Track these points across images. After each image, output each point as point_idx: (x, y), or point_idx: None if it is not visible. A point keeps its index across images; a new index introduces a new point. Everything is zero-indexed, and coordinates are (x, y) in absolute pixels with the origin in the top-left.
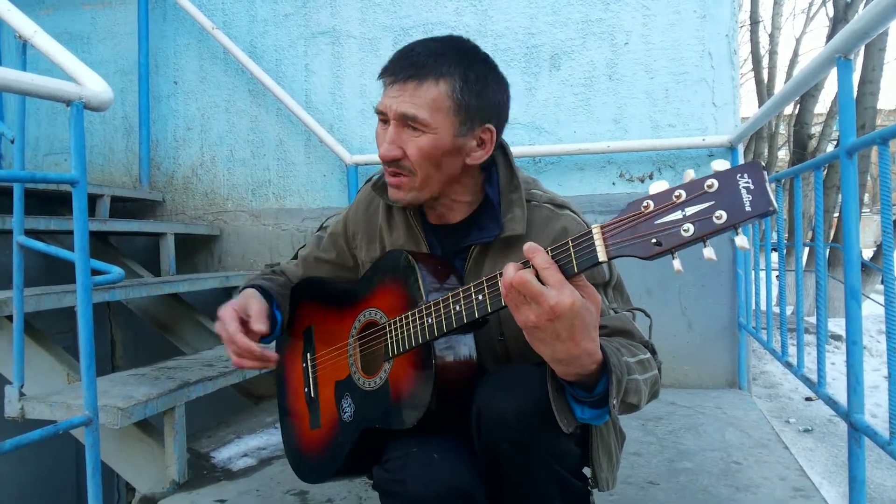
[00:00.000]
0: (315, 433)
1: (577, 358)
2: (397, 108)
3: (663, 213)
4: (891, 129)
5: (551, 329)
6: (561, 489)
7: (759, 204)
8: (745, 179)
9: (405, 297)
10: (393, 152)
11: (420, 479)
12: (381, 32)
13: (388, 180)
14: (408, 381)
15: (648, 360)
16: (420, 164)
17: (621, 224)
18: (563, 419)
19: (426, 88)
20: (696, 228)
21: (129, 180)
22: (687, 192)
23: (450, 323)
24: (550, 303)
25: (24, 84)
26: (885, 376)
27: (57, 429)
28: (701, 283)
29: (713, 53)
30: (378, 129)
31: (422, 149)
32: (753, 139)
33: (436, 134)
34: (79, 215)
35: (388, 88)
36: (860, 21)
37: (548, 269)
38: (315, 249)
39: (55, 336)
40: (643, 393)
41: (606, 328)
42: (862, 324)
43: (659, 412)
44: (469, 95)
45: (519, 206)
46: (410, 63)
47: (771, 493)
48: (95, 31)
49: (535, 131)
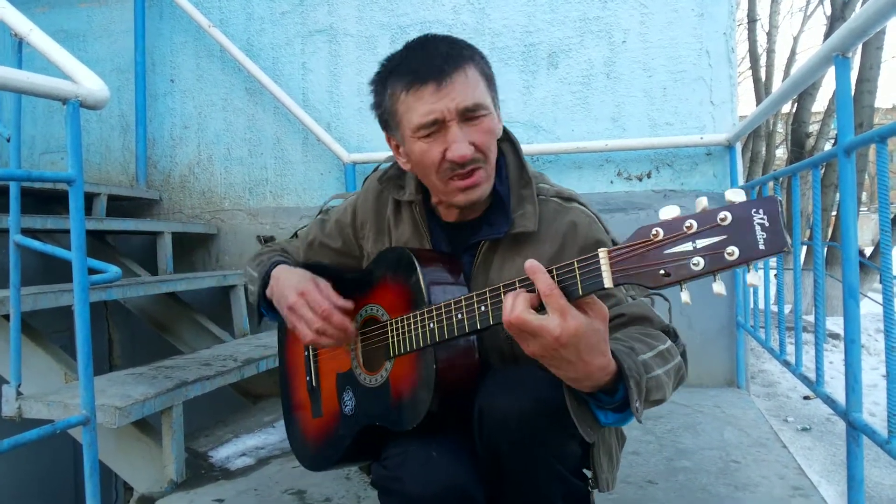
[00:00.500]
0: (317, 422)
1: (589, 376)
2: (459, 103)
3: (673, 243)
4: (889, 128)
5: (558, 356)
6: (562, 490)
7: (773, 243)
8: (761, 215)
9: (407, 296)
10: (470, 149)
11: (418, 477)
12: (378, 30)
13: (464, 183)
14: (408, 383)
15: (668, 349)
16: (489, 148)
17: (630, 251)
18: (587, 427)
19: (469, 74)
20: (706, 263)
21: (126, 179)
22: (699, 224)
23: (451, 331)
24: (554, 334)
25: (21, 82)
26: (883, 375)
27: (54, 428)
28: (700, 283)
29: (711, 52)
30: (420, 146)
31: (488, 130)
32: (751, 137)
33: (490, 112)
34: (75, 214)
35: (433, 94)
36: (858, 19)
37: (550, 295)
38: (320, 234)
39: (52, 335)
40: (666, 386)
41: (625, 316)
42: (860, 322)
43: (658, 411)
44: (488, 68)
45: (531, 202)
46: (444, 59)
47: (769, 491)
48: (91, 29)
49: (532, 130)
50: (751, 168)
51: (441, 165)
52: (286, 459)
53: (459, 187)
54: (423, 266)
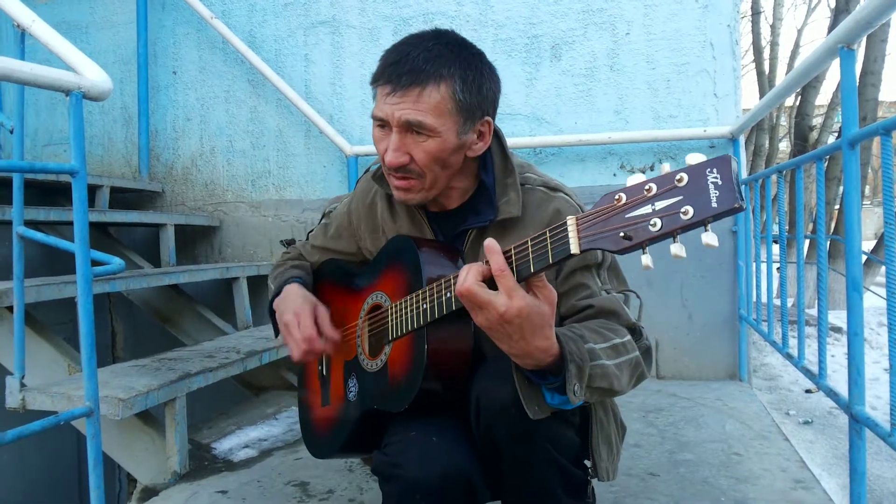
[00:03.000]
0: (325, 410)
1: (529, 354)
2: (401, 115)
3: (634, 206)
4: (893, 120)
5: (503, 331)
6: (560, 477)
7: (724, 200)
8: (714, 175)
9: (407, 282)
10: (400, 159)
11: (418, 463)
12: (381, 22)
13: (396, 184)
14: (403, 364)
15: (625, 343)
16: (429, 167)
17: (595, 217)
18: (534, 406)
19: (428, 94)
20: (662, 224)
21: (129, 171)
22: (658, 186)
23: (441, 309)
24: (500, 310)
25: (23, 73)
26: (885, 369)
27: (58, 420)
28: (702, 275)
29: (715, 44)
30: (375, 133)
31: (430, 153)
32: (754, 130)
33: (441, 137)
34: (78, 206)
35: (387, 96)
36: (863, 10)
37: (500, 275)
38: (325, 239)
39: (56, 327)
40: (615, 377)
41: (593, 308)
42: (863, 316)
43: (659, 404)
44: (468, 94)
45: (514, 189)
46: (410, 69)
47: (771, 484)
48: (94, 20)
49: (535, 122)
50: (754, 161)
51: (383, 159)
52: (289, 451)
53: (393, 185)
54: (422, 252)
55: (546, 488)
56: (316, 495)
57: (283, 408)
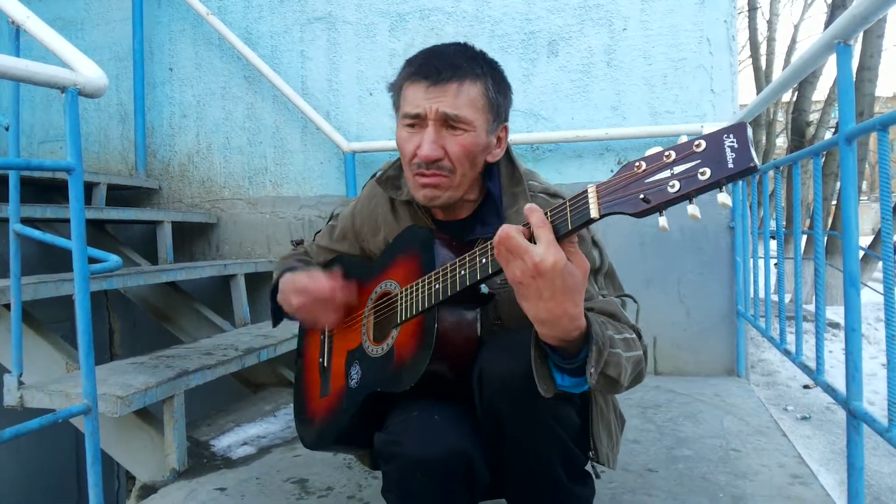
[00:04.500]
0: (323, 401)
1: (558, 319)
2: (440, 108)
3: (653, 172)
4: (890, 116)
5: (534, 286)
6: (561, 455)
7: (741, 161)
8: (731, 139)
9: (420, 268)
10: (436, 152)
11: (419, 441)
12: (377, 18)
13: (424, 181)
14: (410, 345)
15: (633, 340)
16: (461, 163)
17: (615, 184)
18: (543, 385)
19: (467, 88)
20: (681, 185)
21: (126, 168)
22: (677, 153)
23: (454, 286)
24: (535, 259)
25: (18, 70)
26: (882, 364)
27: (56, 417)
28: (699, 272)
29: (711, 39)
30: (402, 134)
31: (465, 146)
32: (751, 126)
33: (476, 132)
34: (75, 203)
35: (425, 90)
36: (860, 6)
37: (541, 227)
38: (330, 241)
39: (53, 325)
40: (624, 370)
41: (592, 310)
42: (861, 311)
43: (658, 400)
44: (498, 94)
45: (523, 198)
46: (449, 65)
47: (769, 479)
48: (89, 16)
49: (532, 118)
50: None
51: (412, 159)
52: (287, 448)
53: (421, 183)
54: (437, 239)
55: (547, 466)
56: (315, 492)
57: (282, 405)
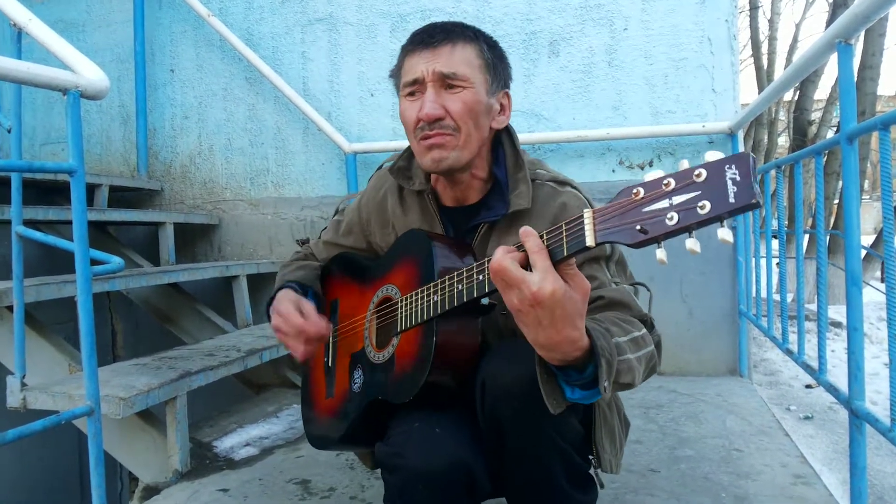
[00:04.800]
0: (329, 402)
1: (558, 345)
2: (436, 68)
3: (652, 200)
4: (891, 115)
5: (533, 315)
6: (564, 465)
7: (742, 196)
8: (733, 171)
9: (419, 275)
10: (437, 111)
11: (421, 452)
12: (378, 19)
13: (430, 142)
14: (410, 356)
15: (643, 336)
16: (463, 120)
17: (612, 210)
18: (553, 400)
19: (461, 48)
20: (679, 218)
21: (127, 170)
22: (676, 181)
23: (451, 301)
24: (532, 289)
25: (20, 73)
26: (885, 363)
27: (59, 419)
28: (702, 271)
29: (713, 39)
30: (405, 105)
31: (465, 102)
32: (753, 126)
33: (474, 88)
34: (77, 205)
35: (418, 57)
36: (861, 5)
37: (536, 253)
38: (336, 236)
39: (56, 326)
40: (637, 371)
41: (604, 299)
42: (863, 310)
43: (660, 400)
44: (494, 57)
45: (524, 182)
46: (441, 30)
47: (772, 479)
48: (91, 18)
49: (533, 118)
50: None
51: (416, 126)
52: (290, 449)
53: (426, 145)
54: (435, 246)
55: (549, 473)
56: (317, 493)
57: (284, 406)
